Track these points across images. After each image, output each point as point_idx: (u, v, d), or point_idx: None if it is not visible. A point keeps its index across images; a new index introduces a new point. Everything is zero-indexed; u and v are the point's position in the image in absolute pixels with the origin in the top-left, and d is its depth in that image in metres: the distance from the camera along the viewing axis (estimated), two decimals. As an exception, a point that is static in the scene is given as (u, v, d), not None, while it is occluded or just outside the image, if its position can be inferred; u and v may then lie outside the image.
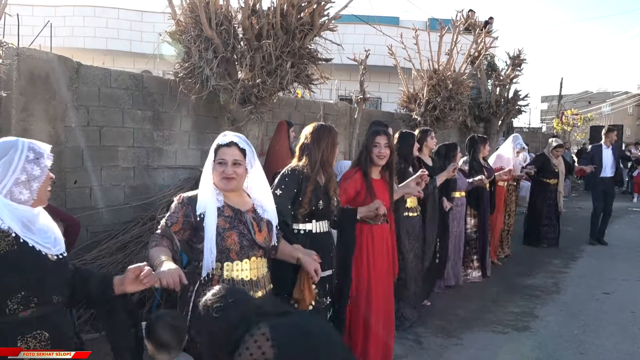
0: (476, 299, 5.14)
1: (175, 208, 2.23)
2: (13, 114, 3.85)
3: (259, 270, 2.27)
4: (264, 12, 4.69)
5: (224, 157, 2.18)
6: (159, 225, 2.26)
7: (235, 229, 2.18)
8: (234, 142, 2.20)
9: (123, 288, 1.85)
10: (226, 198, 2.22)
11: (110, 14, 14.78)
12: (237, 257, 2.19)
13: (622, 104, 38.96)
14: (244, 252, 2.21)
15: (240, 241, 2.19)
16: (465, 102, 8.78)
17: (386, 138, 3.31)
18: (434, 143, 5.07)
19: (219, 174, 2.19)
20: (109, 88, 4.70)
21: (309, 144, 2.81)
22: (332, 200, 2.86)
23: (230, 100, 4.77)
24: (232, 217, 2.20)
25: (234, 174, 2.18)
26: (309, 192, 2.71)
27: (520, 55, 10.79)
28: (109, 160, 4.77)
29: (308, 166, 2.78)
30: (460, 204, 5.45)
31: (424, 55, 8.50)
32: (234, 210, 2.22)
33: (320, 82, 5.25)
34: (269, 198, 2.37)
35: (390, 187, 3.38)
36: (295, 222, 2.75)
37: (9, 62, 3.68)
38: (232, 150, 2.20)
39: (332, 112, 7.60)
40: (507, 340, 4.18)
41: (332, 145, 2.86)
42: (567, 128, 21.15)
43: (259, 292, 2.24)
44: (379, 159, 3.30)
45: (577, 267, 6.57)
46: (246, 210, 2.27)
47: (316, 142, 2.80)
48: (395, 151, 3.38)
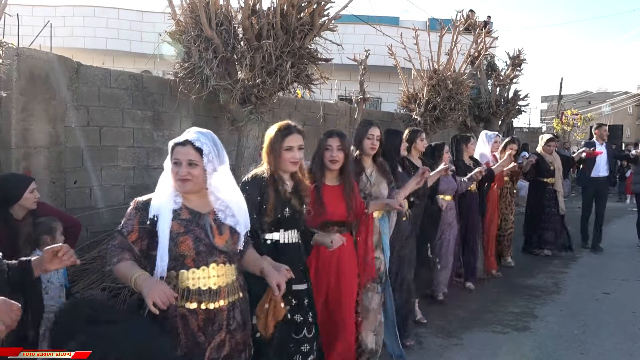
0: (476, 299, 5.14)
1: (131, 214, 2.05)
2: (13, 114, 3.85)
3: (222, 278, 2.07)
4: (264, 12, 4.69)
5: (178, 157, 2.03)
6: (114, 235, 2.05)
7: (190, 233, 2.01)
8: (189, 140, 2.03)
9: (43, 268, 1.94)
10: (185, 200, 2.07)
11: (110, 14, 14.79)
12: (194, 264, 2.01)
13: (622, 104, 38.96)
14: (202, 258, 2.03)
15: (196, 246, 2.01)
16: (465, 102, 8.77)
17: (339, 140, 3.00)
18: (423, 145, 4.72)
19: (173, 174, 2.03)
20: (109, 88, 4.70)
21: (270, 147, 2.58)
22: (301, 208, 2.62)
23: (230, 100, 4.78)
24: (189, 221, 2.04)
25: (188, 175, 2.01)
26: (271, 199, 2.49)
27: (520, 55, 10.79)
28: (109, 160, 4.77)
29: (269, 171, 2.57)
30: (450, 208, 5.01)
31: (424, 55, 8.50)
32: (192, 213, 2.06)
33: (320, 82, 5.25)
34: (238, 201, 2.18)
35: (346, 194, 3.02)
36: (262, 232, 2.55)
37: (9, 62, 3.68)
38: (187, 150, 2.03)
39: (332, 112, 7.60)
40: (507, 340, 4.18)
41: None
42: (567, 128, 21.15)
43: (221, 302, 2.05)
44: (331, 163, 2.98)
45: (577, 267, 6.57)
46: (207, 212, 2.10)
47: (278, 144, 2.56)
48: (350, 155, 3.10)
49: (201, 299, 2.00)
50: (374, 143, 3.41)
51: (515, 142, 6.21)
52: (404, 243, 3.99)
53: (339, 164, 3.00)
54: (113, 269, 1.97)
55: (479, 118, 10.81)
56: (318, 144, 3.09)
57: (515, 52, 10.84)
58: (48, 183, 4.13)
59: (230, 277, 2.11)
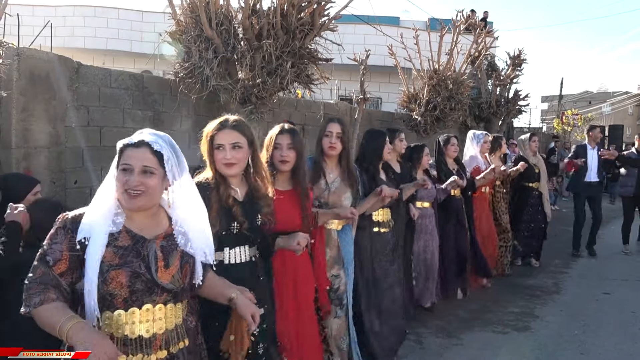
0: (476, 299, 5.13)
1: (57, 236, 1.54)
2: (13, 114, 3.85)
3: (160, 323, 1.61)
4: (264, 12, 4.69)
5: (129, 162, 1.58)
6: (34, 265, 1.53)
7: (126, 267, 1.54)
8: (145, 142, 1.60)
9: None
10: (128, 220, 1.61)
11: (110, 14, 14.80)
12: (124, 306, 1.55)
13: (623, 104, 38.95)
14: (137, 297, 1.56)
15: (131, 284, 1.54)
16: (465, 102, 8.78)
17: (290, 137, 2.59)
18: (402, 146, 4.28)
19: (120, 184, 1.58)
20: (109, 88, 4.70)
21: (204, 144, 2.20)
22: (255, 220, 2.16)
23: (230, 100, 4.78)
24: (128, 249, 1.57)
25: (141, 187, 1.57)
26: (213, 211, 2.03)
27: (520, 55, 10.81)
28: (109, 160, 4.67)
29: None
30: (428, 216, 4.55)
31: (424, 55, 8.50)
32: (134, 238, 1.60)
33: (321, 82, 5.25)
34: (200, 222, 1.75)
35: (301, 199, 2.59)
36: None
37: (9, 62, 3.68)
38: (143, 153, 1.59)
39: (332, 112, 7.60)
40: (507, 340, 4.18)
41: None
42: (568, 128, 21.17)
43: (156, 355, 1.60)
44: (281, 164, 2.57)
45: (577, 267, 6.57)
46: (154, 237, 1.64)
47: (209, 142, 2.17)
48: (302, 154, 2.64)
49: (127, 351, 1.55)
50: (332, 141, 2.98)
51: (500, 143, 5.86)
52: (390, 258, 3.57)
53: (290, 165, 2.58)
54: (32, 312, 1.46)
55: (479, 118, 10.82)
56: (267, 142, 2.67)
57: (515, 52, 10.86)
58: (48, 183, 4.13)
59: (172, 321, 1.65)
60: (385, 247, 3.57)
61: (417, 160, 4.50)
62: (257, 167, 2.20)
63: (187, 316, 1.74)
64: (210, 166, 2.14)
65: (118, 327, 1.55)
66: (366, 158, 3.51)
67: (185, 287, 1.69)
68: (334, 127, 3.01)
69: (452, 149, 4.94)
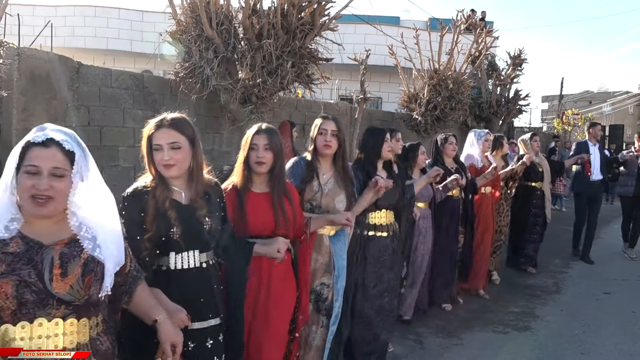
0: (476, 299, 5.13)
1: None
2: (14, 113, 3.86)
3: (59, 340, 1.43)
4: (264, 12, 4.69)
5: (36, 164, 1.41)
6: None
7: (13, 275, 1.37)
8: (55, 140, 1.44)
9: None
10: (26, 224, 1.45)
11: (110, 14, 14.81)
12: (12, 319, 1.39)
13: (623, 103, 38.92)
14: (27, 310, 1.39)
15: (19, 294, 1.37)
16: (465, 102, 8.78)
17: (267, 137, 2.43)
18: (399, 146, 4.14)
19: (25, 189, 1.41)
20: (110, 88, 4.70)
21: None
22: (199, 224, 2.00)
23: (230, 100, 4.78)
24: (18, 255, 1.39)
25: (50, 191, 1.41)
26: (150, 213, 1.92)
27: (520, 55, 10.80)
28: (109, 160, 4.77)
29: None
30: (425, 216, 4.35)
31: (424, 55, 8.50)
32: (28, 244, 1.42)
33: (321, 82, 5.26)
34: (112, 225, 1.59)
35: (275, 202, 2.42)
36: (149, 258, 1.94)
37: (10, 62, 3.68)
38: (52, 153, 1.43)
39: (332, 112, 7.59)
40: (507, 340, 4.18)
41: None
42: (568, 128, 21.15)
43: None
44: (257, 165, 2.41)
45: (578, 267, 6.57)
46: (54, 242, 1.46)
47: (148, 143, 2.02)
48: (281, 155, 2.48)
49: None
50: (327, 139, 2.84)
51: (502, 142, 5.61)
52: (388, 265, 3.33)
53: (267, 167, 2.43)
54: None
55: (479, 118, 10.82)
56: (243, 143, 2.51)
57: (515, 51, 10.86)
58: (49, 183, 4.13)
59: (74, 339, 1.46)
60: (383, 253, 3.31)
61: (413, 159, 4.34)
62: (200, 167, 2.04)
63: (97, 336, 1.52)
64: (150, 168, 2.00)
65: (5, 343, 1.38)
66: (364, 156, 3.35)
67: (93, 301, 1.49)
68: (329, 125, 2.87)
69: (450, 147, 4.75)
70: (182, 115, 2.06)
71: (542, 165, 6.12)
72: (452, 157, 4.79)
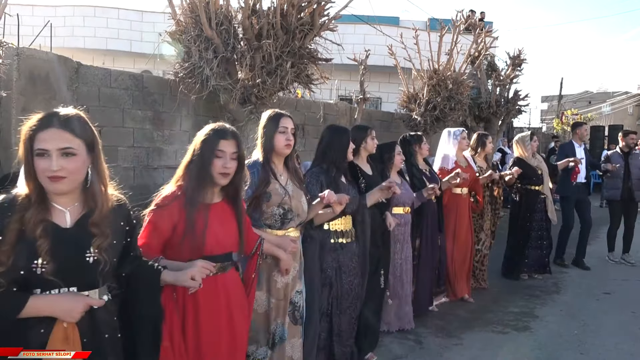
0: (476, 299, 5.13)
1: None
2: (13, 113, 3.86)
3: None
4: (264, 12, 4.70)
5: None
6: None
7: None
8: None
9: None
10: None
11: (110, 14, 14.80)
12: None
13: (622, 104, 38.92)
14: None
15: None
16: (465, 102, 8.80)
17: (235, 145, 2.05)
18: (374, 145, 3.64)
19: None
20: (109, 88, 4.70)
21: None
22: (81, 255, 1.54)
23: (230, 100, 4.78)
24: None
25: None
26: (6, 242, 1.45)
27: (520, 55, 10.81)
28: (109, 160, 4.69)
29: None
30: (404, 223, 4.00)
31: (424, 55, 8.51)
32: None
33: (320, 82, 5.26)
34: None
35: (237, 213, 2.12)
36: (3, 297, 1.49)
37: (9, 62, 3.68)
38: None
39: (332, 112, 7.60)
40: (507, 340, 4.18)
41: None
42: (567, 128, 21.16)
43: None
44: (222, 177, 2.02)
45: (578, 267, 6.56)
46: None
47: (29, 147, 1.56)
48: (243, 163, 2.12)
49: None
50: (289, 138, 2.59)
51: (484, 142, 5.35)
52: (357, 271, 3.16)
53: (229, 178, 2.05)
54: None
55: (479, 118, 10.83)
56: (200, 148, 2.08)
57: (515, 52, 10.86)
58: (48, 183, 4.13)
59: None
60: (351, 259, 3.12)
61: (389, 161, 3.92)
62: (102, 180, 1.68)
63: None
64: (28, 178, 1.51)
65: None
66: (327, 157, 3.01)
67: None
68: (288, 122, 2.61)
69: (425, 147, 4.45)
70: (77, 112, 1.62)
71: (541, 168, 5.84)
72: (424, 156, 4.51)
